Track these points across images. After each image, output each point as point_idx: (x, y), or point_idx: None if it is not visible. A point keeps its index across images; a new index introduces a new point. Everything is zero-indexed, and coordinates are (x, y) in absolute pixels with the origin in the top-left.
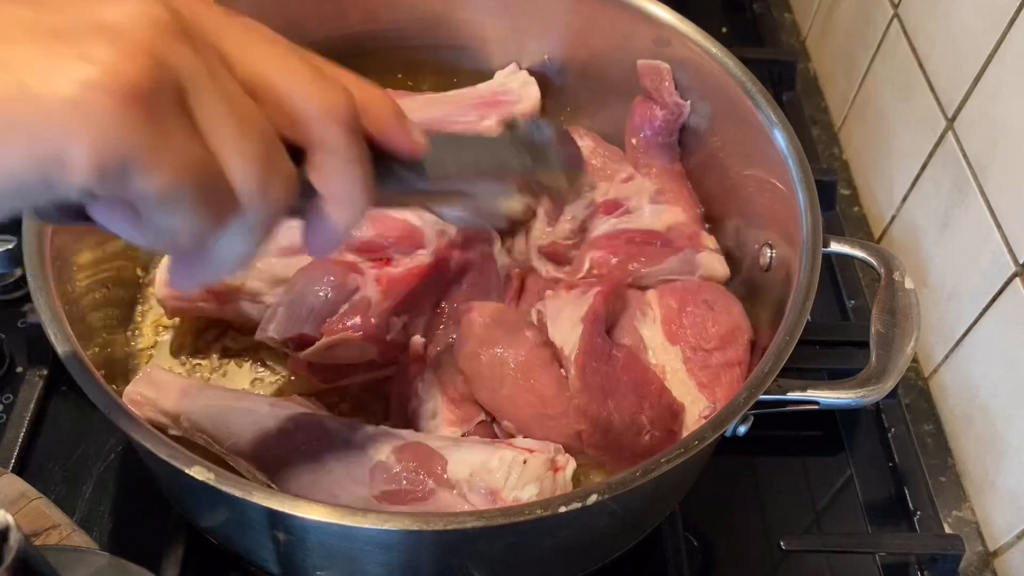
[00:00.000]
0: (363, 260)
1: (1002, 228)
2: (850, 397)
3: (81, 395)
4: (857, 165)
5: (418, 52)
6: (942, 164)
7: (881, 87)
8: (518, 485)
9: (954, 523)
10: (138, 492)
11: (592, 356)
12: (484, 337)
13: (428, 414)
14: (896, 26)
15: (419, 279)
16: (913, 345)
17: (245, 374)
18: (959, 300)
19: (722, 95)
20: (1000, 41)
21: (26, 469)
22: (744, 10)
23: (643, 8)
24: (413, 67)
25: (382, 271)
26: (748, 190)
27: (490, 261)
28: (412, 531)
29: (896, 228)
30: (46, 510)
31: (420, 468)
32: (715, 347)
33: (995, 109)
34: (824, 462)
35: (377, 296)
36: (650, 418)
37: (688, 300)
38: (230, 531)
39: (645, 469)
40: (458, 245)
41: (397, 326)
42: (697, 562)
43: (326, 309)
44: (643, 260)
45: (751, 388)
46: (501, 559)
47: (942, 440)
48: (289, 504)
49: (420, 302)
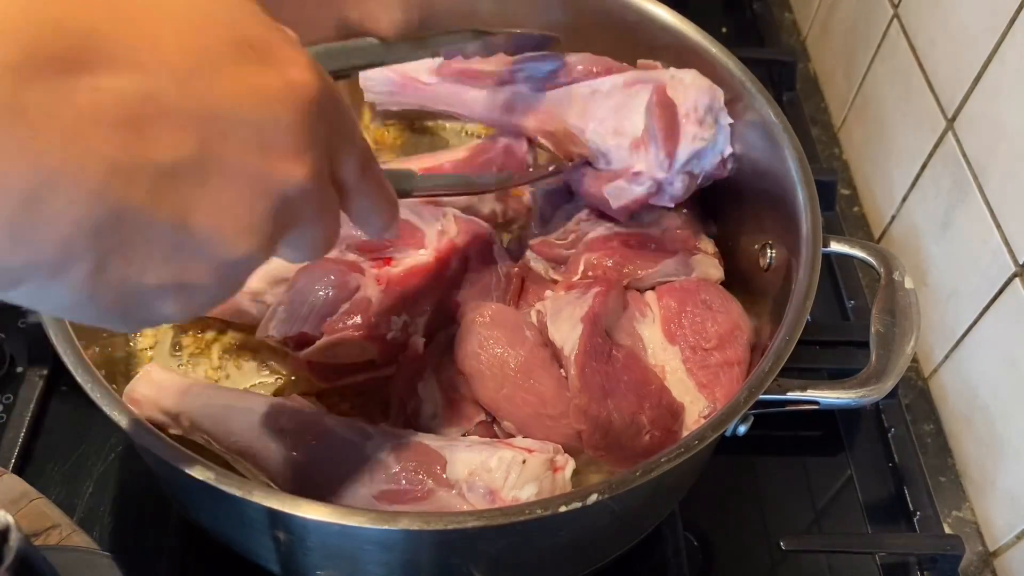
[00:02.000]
0: (364, 259)
1: (1002, 228)
2: (850, 397)
3: (81, 395)
4: (857, 165)
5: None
6: (942, 164)
7: (881, 87)
8: (517, 485)
9: (954, 523)
10: (138, 492)
11: (592, 356)
12: (484, 337)
13: (428, 414)
14: (896, 26)
15: (419, 279)
16: (913, 345)
17: (245, 374)
18: (959, 300)
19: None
20: (1000, 41)
21: (26, 469)
22: (744, 10)
23: (643, 8)
24: None
25: (382, 271)
26: (748, 190)
27: (490, 261)
28: (412, 531)
29: (896, 228)
30: (46, 510)
31: (419, 468)
32: (714, 347)
33: (995, 109)
34: (824, 462)
35: (377, 295)
36: (650, 418)
37: (687, 300)
38: (230, 530)
39: (645, 469)
40: (459, 245)
41: (397, 325)
42: (697, 562)
43: (326, 308)
44: (638, 263)
45: (751, 388)
46: (501, 559)
47: (942, 440)
48: (289, 504)
49: (420, 302)
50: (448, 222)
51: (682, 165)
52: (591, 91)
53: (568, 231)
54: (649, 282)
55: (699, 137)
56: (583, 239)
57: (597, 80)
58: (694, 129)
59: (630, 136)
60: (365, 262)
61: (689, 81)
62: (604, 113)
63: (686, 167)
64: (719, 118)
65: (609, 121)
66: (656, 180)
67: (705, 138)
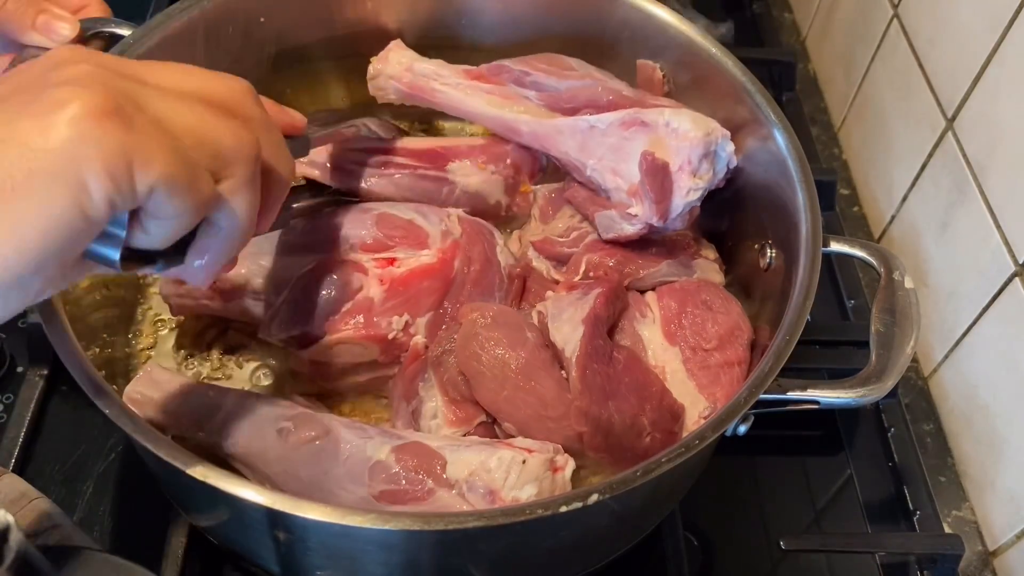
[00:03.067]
0: (368, 259)
1: (1002, 228)
2: (850, 397)
3: (81, 395)
4: (857, 165)
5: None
6: (942, 164)
7: (881, 87)
8: (517, 485)
9: (954, 523)
10: (138, 492)
11: (593, 358)
12: (485, 338)
13: (429, 414)
14: (896, 26)
15: (423, 279)
16: (913, 345)
17: (245, 374)
18: (959, 300)
19: (722, 95)
20: (1000, 41)
21: (26, 469)
22: (744, 10)
23: (644, 8)
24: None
25: (385, 271)
26: (748, 190)
27: (492, 261)
28: (413, 531)
29: (896, 228)
30: (46, 510)
31: (419, 468)
32: (715, 347)
33: (995, 109)
34: (824, 462)
35: (380, 296)
36: (651, 420)
37: (687, 301)
38: (230, 531)
39: (645, 469)
40: (463, 245)
41: (399, 326)
42: (697, 562)
43: (329, 308)
44: (639, 262)
45: (752, 388)
46: (501, 559)
47: (942, 440)
48: (289, 504)
49: (423, 302)
50: (452, 223)
51: (678, 214)
52: (589, 127)
53: (571, 228)
54: (650, 282)
55: (694, 189)
56: (585, 239)
57: (594, 117)
58: (688, 182)
59: (627, 181)
60: (369, 262)
61: (684, 130)
62: (602, 151)
63: (684, 210)
64: (718, 154)
65: (607, 160)
66: (650, 225)
67: (700, 187)
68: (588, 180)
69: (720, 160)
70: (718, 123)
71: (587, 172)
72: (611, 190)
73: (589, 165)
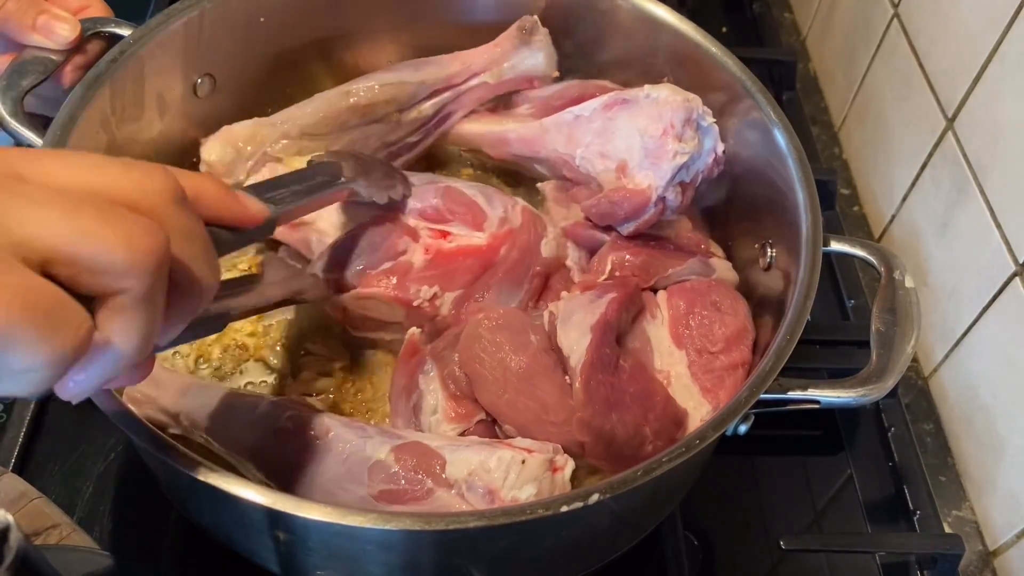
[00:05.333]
0: (423, 227)
1: (1002, 228)
2: (850, 396)
3: None
4: (857, 165)
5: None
6: (942, 164)
7: (881, 87)
8: (516, 485)
9: (954, 523)
10: (138, 492)
11: (598, 368)
12: (488, 341)
13: (429, 409)
14: (896, 26)
15: (467, 259)
16: (913, 344)
17: (245, 374)
18: (959, 299)
19: (722, 95)
20: (1000, 41)
21: (26, 469)
22: (744, 10)
23: (644, 8)
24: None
25: (435, 242)
26: (748, 190)
27: (533, 252)
28: (413, 531)
29: (896, 228)
30: (46, 510)
31: (419, 467)
32: (720, 350)
33: (995, 109)
34: (824, 462)
35: (421, 263)
36: (654, 430)
37: (696, 301)
38: (230, 531)
39: (646, 469)
40: (516, 235)
41: (427, 295)
42: (697, 562)
43: (370, 262)
44: (664, 261)
45: (752, 387)
46: (501, 559)
47: (942, 440)
48: (289, 504)
49: (458, 279)
50: (514, 213)
51: (668, 180)
52: (574, 117)
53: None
54: (674, 279)
55: (680, 152)
56: (609, 237)
57: (578, 107)
58: (674, 146)
59: (615, 160)
60: (424, 229)
61: (663, 97)
62: (589, 138)
63: (674, 180)
64: (700, 124)
65: (594, 145)
66: (646, 204)
67: (687, 151)
68: (578, 173)
69: (704, 132)
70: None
71: (576, 163)
72: (600, 173)
73: (578, 155)
